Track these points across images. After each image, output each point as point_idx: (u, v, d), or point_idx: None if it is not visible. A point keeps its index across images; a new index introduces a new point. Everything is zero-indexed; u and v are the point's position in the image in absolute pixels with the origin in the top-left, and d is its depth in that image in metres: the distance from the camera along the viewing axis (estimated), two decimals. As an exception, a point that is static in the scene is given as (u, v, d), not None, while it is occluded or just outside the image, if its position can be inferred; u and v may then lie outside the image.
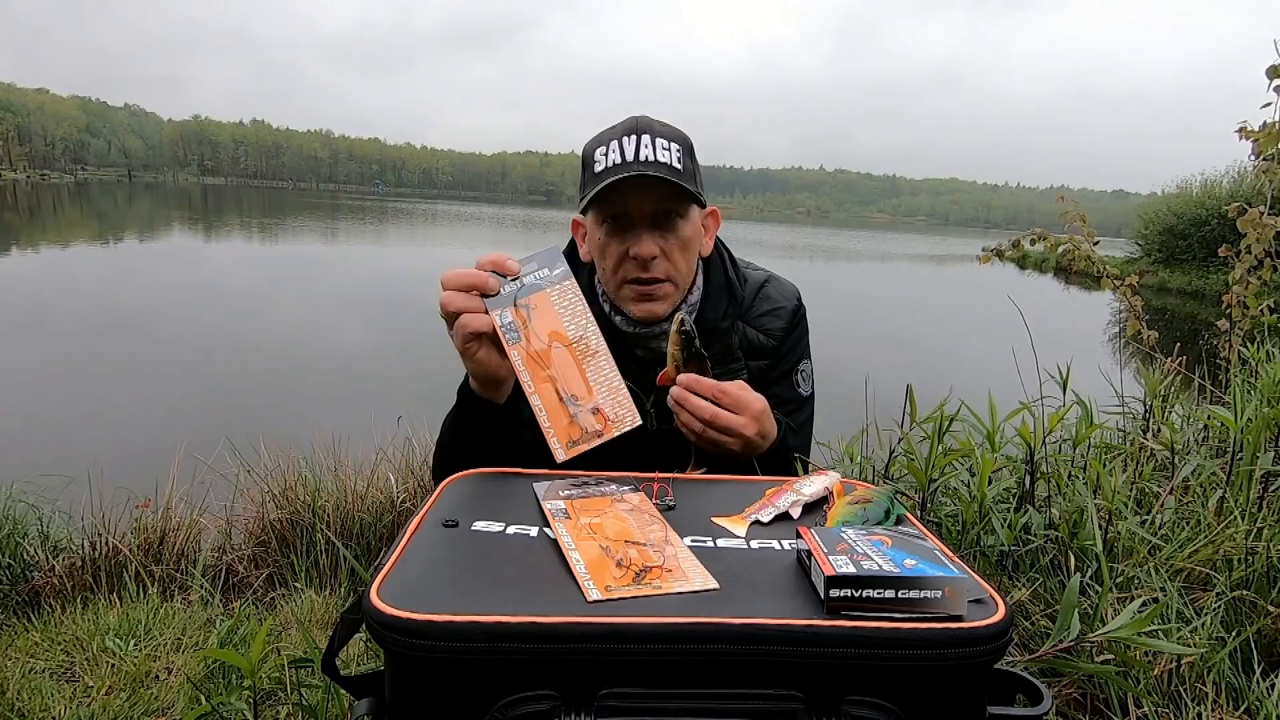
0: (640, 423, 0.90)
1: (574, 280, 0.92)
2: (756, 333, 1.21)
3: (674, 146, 1.05)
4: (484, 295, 0.89)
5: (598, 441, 0.87)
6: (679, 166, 1.05)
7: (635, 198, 1.04)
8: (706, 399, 0.96)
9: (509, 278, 0.90)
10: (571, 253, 1.22)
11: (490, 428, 0.99)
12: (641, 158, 1.02)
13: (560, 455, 0.87)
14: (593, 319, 0.92)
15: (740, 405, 0.97)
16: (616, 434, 0.88)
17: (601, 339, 0.91)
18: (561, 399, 0.88)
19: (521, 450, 1.01)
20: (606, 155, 1.04)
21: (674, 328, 0.96)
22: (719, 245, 1.24)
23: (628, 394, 0.90)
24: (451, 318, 0.89)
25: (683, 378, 0.96)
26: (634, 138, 1.03)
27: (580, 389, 0.88)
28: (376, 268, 15.94)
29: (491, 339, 0.91)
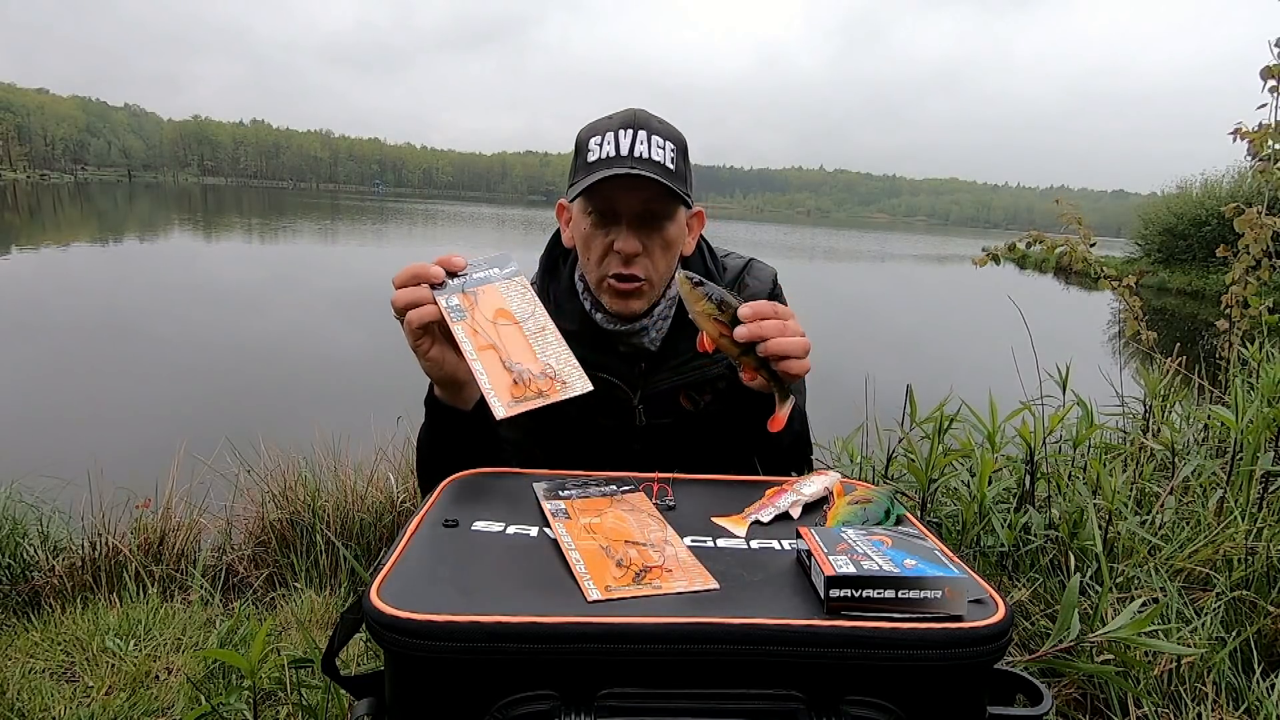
0: (591, 388, 0.87)
1: (524, 276, 0.92)
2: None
3: (669, 146, 1.05)
4: (433, 287, 0.88)
5: (542, 401, 0.83)
6: (671, 167, 1.04)
7: (624, 194, 1.04)
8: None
9: (458, 273, 0.89)
10: (555, 240, 1.21)
11: (463, 436, 0.97)
12: (636, 154, 1.02)
13: (500, 411, 0.81)
14: (541, 305, 0.91)
15: (787, 316, 0.91)
16: (563, 397, 0.84)
17: (549, 320, 0.90)
18: (505, 365, 0.85)
19: (504, 453, 1.00)
20: (601, 146, 1.03)
21: (686, 287, 0.89)
22: (698, 238, 1.23)
23: (578, 364, 0.87)
24: (402, 314, 0.88)
25: (747, 308, 0.88)
26: (630, 132, 1.03)
27: (526, 358, 0.86)
28: (376, 268, 15.94)
29: (444, 333, 0.89)
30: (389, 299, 0.89)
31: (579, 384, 0.86)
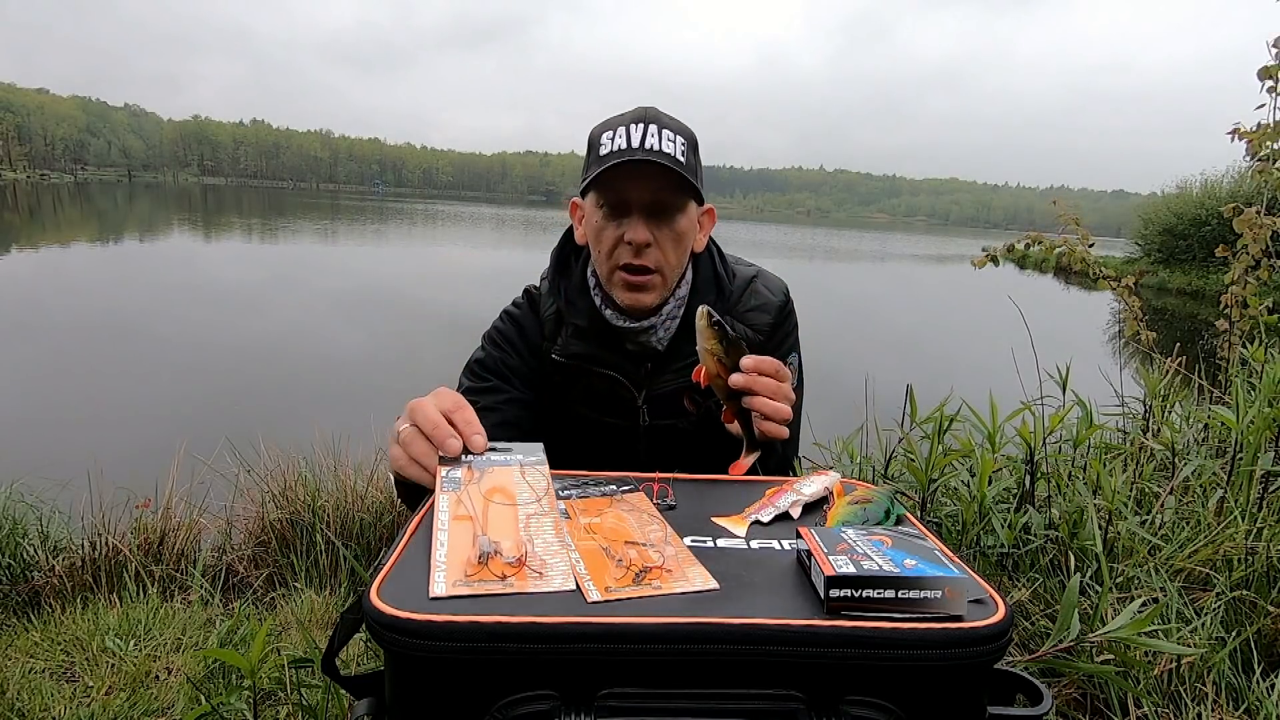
0: (573, 588, 0.61)
1: (547, 466, 0.79)
2: (744, 328, 1.21)
3: (679, 140, 1.06)
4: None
5: (499, 588, 0.60)
6: (682, 159, 1.05)
7: (635, 185, 1.05)
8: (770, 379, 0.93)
9: (473, 452, 0.78)
10: (567, 237, 1.22)
11: None
12: (647, 145, 1.03)
13: (437, 588, 0.59)
14: (553, 495, 0.74)
15: (784, 379, 0.95)
16: (530, 590, 0.60)
17: (558, 513, 0.71)
18: (474, 538, 0.65)
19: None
20: (613, 140, 1.04)
21: (703, 323, 0.91)
22: (709, 241, 1.24)
23: (569, 562, 0.64)
24: (403, 452, 0.79)
25: (750, 360, 0.92)
26: (641, 126, 1.04)
27: (506, 535, 0.66)
28: (376, 268, 15.95)
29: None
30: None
31: (558, 579, 0.62)
